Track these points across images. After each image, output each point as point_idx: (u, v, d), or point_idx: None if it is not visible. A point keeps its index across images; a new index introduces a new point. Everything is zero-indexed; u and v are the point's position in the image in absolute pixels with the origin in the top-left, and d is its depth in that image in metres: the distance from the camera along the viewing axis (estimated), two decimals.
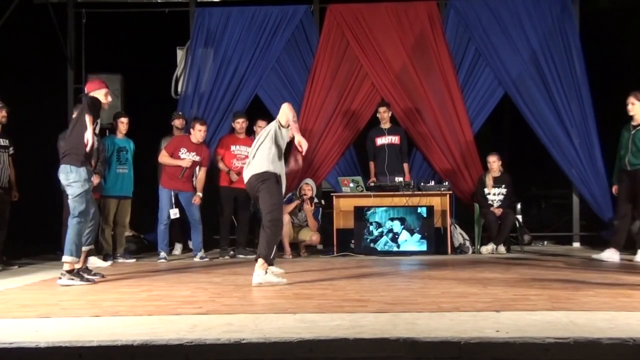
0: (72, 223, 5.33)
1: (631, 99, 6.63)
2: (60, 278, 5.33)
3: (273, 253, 5.22)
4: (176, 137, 7.56)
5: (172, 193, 7.26)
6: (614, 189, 7.04)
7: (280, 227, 5.34)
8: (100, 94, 5.48)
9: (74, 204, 5.34)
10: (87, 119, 5.23)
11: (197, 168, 7.41)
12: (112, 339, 3.09)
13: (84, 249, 5.45)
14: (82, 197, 5.32)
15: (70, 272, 5.30)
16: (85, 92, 5.55)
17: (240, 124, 7.72)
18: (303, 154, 5.35)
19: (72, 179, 5.33)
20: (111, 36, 9.17)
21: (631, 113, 6.65)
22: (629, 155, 6.61)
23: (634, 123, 6.66)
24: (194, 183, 7.45)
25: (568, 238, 8.76)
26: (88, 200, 5.37)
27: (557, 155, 8.42)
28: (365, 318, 3.53)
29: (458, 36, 8.65)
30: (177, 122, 8.00)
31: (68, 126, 5.87)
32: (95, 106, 5.34)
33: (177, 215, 7.26)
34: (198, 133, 7.33)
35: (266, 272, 5.08)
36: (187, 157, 7.26)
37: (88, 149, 5.28)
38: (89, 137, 5.22)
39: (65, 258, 5.31)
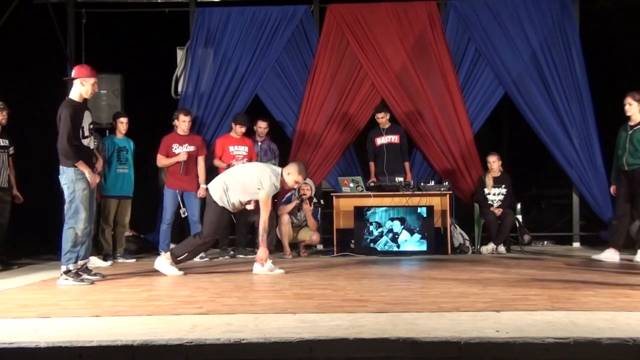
0: (64, 229, 5.32)
1: (628, 99, 6.62)
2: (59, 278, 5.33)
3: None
4: (164, 138, 7.47)
5: (178, 193, 7.27)
6: (612, 189, 7.05)
7: (206, 246, 6.15)
8: (89, 83, 5.39)
9: (65, 208, 5.31)
10: (65, 119, 5.22)
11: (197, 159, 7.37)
12: (112, 339, 3.09)
13: (80, 262, 5.41)
14: (72, 201, 5.26)
15: (67, 272, 5.29)
16: (73, 75, 5.43)
17: (242, 129, 7.63)
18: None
19: (63, 181, 5.33)
20: (111, 36, 9.15)
21: (628, 113, 6.65)
22: (627, 155, 6.60)
23: (631, 123, 6.65)
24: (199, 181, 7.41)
25: (568, 238, 8.76)
26: (78, 205, 5.27)
27: (557, 155, 8.42)
28: (365, 318, 3.53)
29: (458, 36, 8.64)
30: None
31: None
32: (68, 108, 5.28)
33: (186, 214, 7.26)
34: (183, 124, 7.35)
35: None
36: (181, 151, 7.26)
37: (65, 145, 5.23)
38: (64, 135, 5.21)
39: (63, 268, 5.31)
